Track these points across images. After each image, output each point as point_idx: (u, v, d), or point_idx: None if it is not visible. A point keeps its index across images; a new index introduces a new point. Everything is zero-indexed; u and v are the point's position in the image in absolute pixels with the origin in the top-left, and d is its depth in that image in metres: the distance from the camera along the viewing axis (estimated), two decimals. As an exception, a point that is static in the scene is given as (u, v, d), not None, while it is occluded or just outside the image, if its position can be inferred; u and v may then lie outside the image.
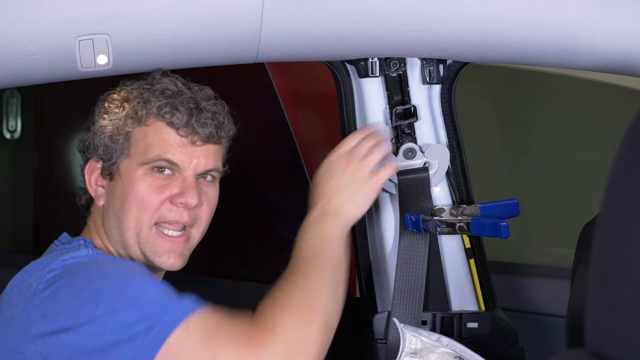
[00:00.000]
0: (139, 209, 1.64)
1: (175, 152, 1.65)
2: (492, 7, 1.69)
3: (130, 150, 1.66)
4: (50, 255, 1.62)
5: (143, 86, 1.68)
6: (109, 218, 1.68)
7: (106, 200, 1.69)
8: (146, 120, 1.66)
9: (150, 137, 1.66)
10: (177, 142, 1.65)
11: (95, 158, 1.69)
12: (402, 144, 1.93)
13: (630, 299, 0.81)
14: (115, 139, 1.66)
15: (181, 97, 1.66)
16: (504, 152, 3.28)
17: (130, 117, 1.66)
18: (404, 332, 1.73)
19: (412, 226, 1.92)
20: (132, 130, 1.66)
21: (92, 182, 1.70)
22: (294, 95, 2.96)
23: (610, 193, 0.85)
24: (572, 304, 1.74)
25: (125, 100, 1.67)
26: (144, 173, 1.65)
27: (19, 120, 3.15)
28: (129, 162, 1.66)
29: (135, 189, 1.64)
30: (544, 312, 2.66)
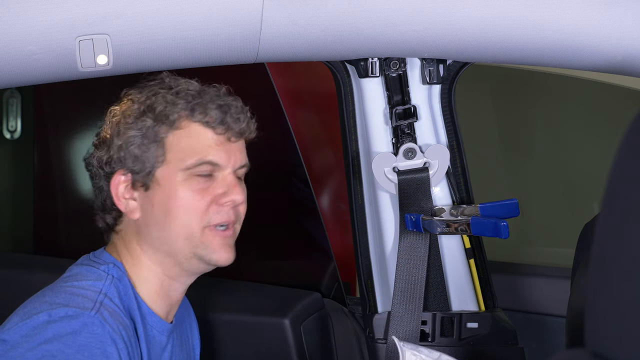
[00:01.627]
0: (187, 215, 1.61)
1: (215, 153, 1.63)
2: (492, 7, 1.69)
3: (167, 157, 1.62)
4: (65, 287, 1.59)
5: (159, 91, 1.65)
6: (149, 229, 1.64)
7: (142, 212, 1.64)
8: (179, 124, 1.62)
9: (186, 141, 1.62)
10: (215, 142, 1.63)
11: (122, 171, 1.64)
12: (402, 144, 1.93)
13: (630, 299, 0.81)
14: (147, 147, 1.62)
15: (207, 95, 1.65)
16: (504, 152, 3.28)
17: (160, 122, 1.62)
18: (404, 350, 1.72)
19: (412, 226, 1.92)
20: (165, 136, 1.62)
21: (121, 197, 1.64)
22: (294, 95, 2.96)
23: (610, 193, 0.85)
24: (572, 304, 1.74)
25: (148, 108, 1.63)
26: (185, 178, 1.61)
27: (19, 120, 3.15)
28: (166, 169, 1.62)
29: (178, 196, 1.61)
30: (544, 312, 2.66)
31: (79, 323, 1.51)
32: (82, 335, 1.50)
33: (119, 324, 1.56)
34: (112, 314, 1.56)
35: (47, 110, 3.16)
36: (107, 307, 1.56)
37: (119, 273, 1.63)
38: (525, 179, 3.21)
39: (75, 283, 1.60)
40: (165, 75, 1.69)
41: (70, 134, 3.10)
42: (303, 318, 2.49)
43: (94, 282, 1.60)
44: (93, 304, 1.55)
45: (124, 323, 1.57)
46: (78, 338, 1.50)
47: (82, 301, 1.55)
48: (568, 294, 1.81)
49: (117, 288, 1.61)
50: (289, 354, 2.44)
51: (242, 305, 2.54)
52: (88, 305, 1.54)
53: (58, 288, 1.60)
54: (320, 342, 2.51)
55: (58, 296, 1.56)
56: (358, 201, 2.05)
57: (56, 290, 1.59)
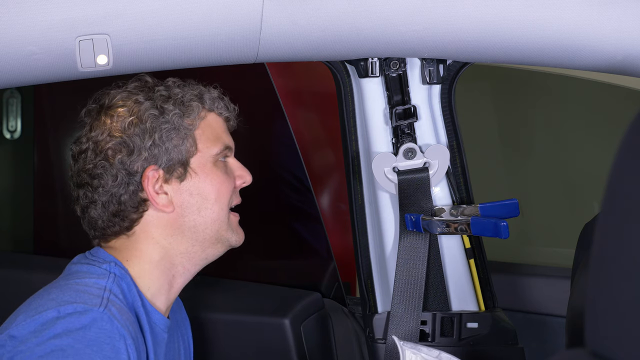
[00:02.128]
0: (223, 197, 1.71)
1: (227, 137, 1.75)
2: (492, 7, 1.69)
3: (198, 146, 1.70)
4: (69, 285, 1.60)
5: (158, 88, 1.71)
6: (184, 219, 1.69)
7: (178, 204, 1.68)
8: (201, 114, 1.71)
9: (210, 129, 1.72)
10: (225, 128, 1.76)
11: (154, 167, 1.66)
12: (402, 144, 1.93)
13: (630, 299, 0.81)
14: (181, 139, 1.68)
15: (196, 86, 1.74)
16: (504, 152, 3.28)
17: (186, 114, 1.70)
18: (404, 349, 1.72)
19: (412, 226, 1.92)
20: (194, 126, 1.70)
21: (154, 192, 1.67)
22: (294, 95, 2.96)
23: (610, 193, 0.85)
24: (572, 304, 1.74)
25: (167, 101, 1.69)
26: (214, 164, 1.71)
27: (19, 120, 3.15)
28: (200, 158, 1.70)
29: (215, 181, 1.70)
30: (544, 312, 2.66)
31: (88, 318, 1.52)
32: (92, 330, 1.51)
33: (126, 319, 1.57)
34: (119, 310, 1.57)
35: (47, 110, 3.16)
36: (114, 303, 1.58)
37: (120, 271, 1.64)
38: (525, 179, 3.21)
39: (78, 281, 1.61)
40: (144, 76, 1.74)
41: (70, 134, 3.09)
42: (303, 318, 2.49)
43: (97, 280, 1.61)
44: (100, 300, 1.56)
45: (130, 319, 1.59)
46: (88, 333, 1.51)
47: (89, 298, 1.56)
48: (568, 294, 1.81)
49: (120, 286, 1.63)
50: (289, 354, 2.44)
51: (242, 305, 2.54)
52: (96, 301, 1.55)
53: (63, 285, 1.60)
54: (320, 342, 2.51)
55: (65, 293, 1.57)
56: (358, 201, 2.05)
57: (62, 288, 1.59)
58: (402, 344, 1.73)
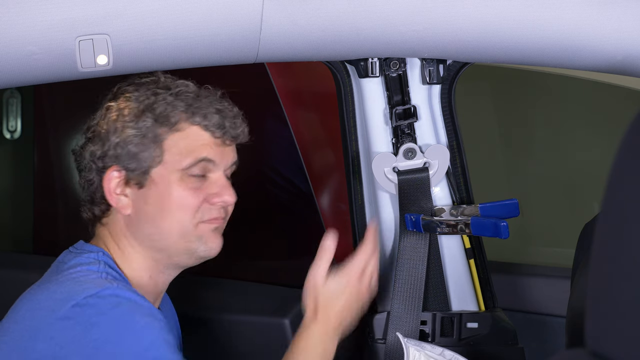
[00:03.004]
0: (181, 212, 1.65)
1: (210, 151, 1.67)
2: (492, 7, 1.69)
3: (164, 157, 1.65)
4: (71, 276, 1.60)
5: (158, 91, 1.67)
6: (141, 226, 1.66)
7: (135, 209, 1.66)
8: (178, 126, 1.65)
9: (184, 142, 1.65)
10: (212, 143, 1.67)
11: (116, 167, 1.66)
12: (402, 144, 1.93)
13: (630, 299, 0.81)
14: (145, 147, 1.64)
15: (205, 99, 1.68)
16: (504, 152, 3.28)
17: (159, 123, 1.65)
18: (407, 346, 1.73)
19: (412, 226, 1.92)
20: (166, 137, 1.65)
21: (112, 192, 1.67)
22: (294, 95, 2.95)
23: (610, 193, 0.85)
24: (572, 304, 1.74)
25: (149, 107, 1.65)
26: (180, 177, 1.65)
27: (19, 120, 3.15)
28: (163, 169, 1.65)
29: (174, 194, 1.64)
30: (544, 312, 2.66)
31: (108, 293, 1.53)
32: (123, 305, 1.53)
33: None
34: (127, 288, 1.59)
35: (47, 110, 3.16)
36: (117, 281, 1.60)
37: (108, 260, 1.66)
38: (525, 179, 3.21)
39: (71, 270, 1.61)
40: (161, 75, 1.71)
41: (70, 134, 3.09)
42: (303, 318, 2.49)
43: (89, 267, 1.61)
44: (105, 281, 1.57)
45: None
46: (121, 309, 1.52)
47: (95, 282, 1.56)
48: (568, 294, 1.81)
49: (110, 273, 1.63)
50: (289, 354, 2.44)
51: (242, 305, 2.54)
52: (104, 283, 1.56)
53: (58, 279, 1.60)
54: (320, 342, 2.51)
55: (65, 285, 1.57)
56: (358, 201, 2.05)
57: (58, 282, 1.59)
58: (406, 341, 1.74)
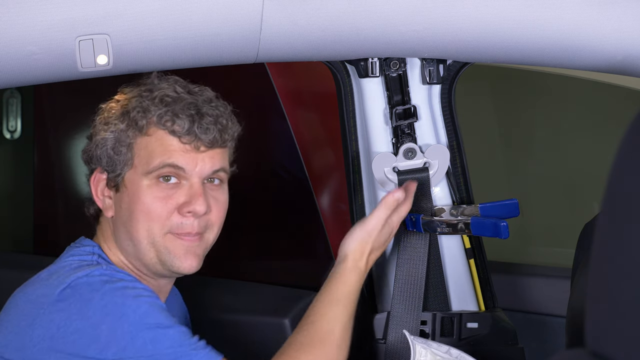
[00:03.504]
0: (148, 221, 1.62)
1: (179, 157, 1.62)
2: (492, 7, 1.69)
3: (134, 161, 1.63)
4: (63, 264, 1.62)
5: (142, 94, 1.65)
6: (118, 230, 1.66)
7: (115, 212, 1.67)
8: (147, 130, 1.63)
9: (152, 146, 1.63)
10: (180, 149, 1.63)
11: (100, 169, 1.67)
12: (402, 144, 1.93)
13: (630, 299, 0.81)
14: (118, 150, 1.64)
15: (181, 103, 1.63)
16: (504, 152, 3.28)
17: (131, 127, 1.64)
18: (414, 344, 1.73)
19: (412, 226, 1.92)
20: (134, 141, 1.64)
21: (98, 193, 1.68)
22: (294, 95, 2.95)
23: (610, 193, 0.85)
24: (572, 304, 1.74)
25: (125, 111, 1.65)
26: (149, 184, 1.63)
27: (19, 120, 3.15)
28: (133, 173, 1.64)
29: (141, 200, 1.62)
30: (544, 312, 2.66)
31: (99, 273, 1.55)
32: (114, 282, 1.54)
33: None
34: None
35: (47, 110, 3.16)
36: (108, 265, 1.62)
37: (102, 254, 1.67)
38: (525, 179, 3.21)
39: (64, 264, 1.62)
40: (155, 76, 1.69)
41: (70, 134, 3.09)
42: (303, 318, 2.49)
43: (83, 257, 1.63)
44: (97, 265, 1.60)
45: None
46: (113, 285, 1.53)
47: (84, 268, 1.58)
48: (568, 294, 1.81)
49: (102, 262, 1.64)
50: (289, 354, 2.44)
51: (242, 305, 2.54)
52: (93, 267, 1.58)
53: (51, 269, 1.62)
54: (320, 342, 2.51)
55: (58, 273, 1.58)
56: (358, 201, 2.05)
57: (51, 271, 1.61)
58: (413, 338, 1.75)
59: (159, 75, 1.69)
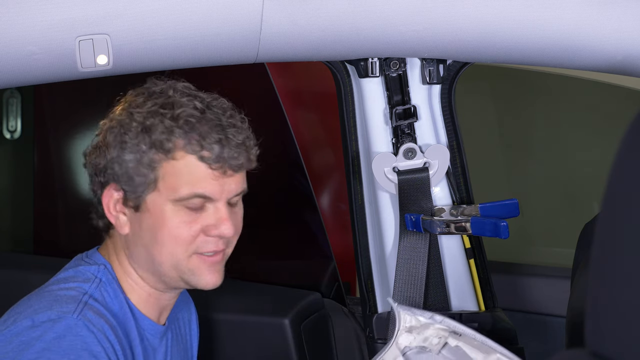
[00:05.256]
0: (173, 245, 1.57)
1: (207, 186, 1.56)
2: (492, 7, 1.69)
3: (158, 185, 1.56)
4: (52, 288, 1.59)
5: (160, 110, 1.57)
6: (137, 248, 1.61)
7: (132, 230, 1.60)
8: (174, 154, 1.55)
9: (180, 172, 1.55)
10: (209, 175, 1.56)
11: (115, 186, 1.59)
12: (402, 144, 1.93)
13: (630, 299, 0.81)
14: (140, 171, 1.56)
15: (206, 124, 1.56)
16: (504, 152, 3.28)
17: (156, 149, 1.55)
18: (399, 310, 1.74)
19: (412, 226, 1.92)
20: (159, 164, 1.56)
21: (111, 209, 1.60)
22: (294, 95, 2.95)
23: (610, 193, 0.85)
24: (572, 304, 1.74)
25: (144, 128, 1.56)
26: (175, 209, 1.57)
27: (19, 120, 3.15)
28: (157, 197, 1.57)
29: (167, 225, 1.57)
30: (544, 312, 2.66)
31: (62, 327, 1.49)
32: (67, 339, 1.49)
33: (104, 323, 1.54)
34: (97, 313, 1.54)
35: (47, 110, 3.16)
36: (92, 307, 1.55)
37: (108, 277, 1.62)
38: (525, 179, 3.21)
39: (62, 285, 1.59)
40: (169, 87, 1.61)
41: (70, 134, 3.10)
42: (303, 318, 2.49)
43: (81, 284, 1.59)
44: (76, 306, 1.53)
45: (110, 322, 1.55)
46: (62, 342, 1.48)
47: (65, 304, 1.53)
48: (568, 294, 1.81)
49: (103, 291, 1.60)
50: (289, 354, 2.44)
51: (242, 305, 2.54)
52: (71, 307, 1.52)
53: (42, 293, 1.58)
54: (320, 342, 2.51)
55: (42, 301, 1.55)
56: (358, 201, 2.05)
57: (40, 295, 1.57)
58: (397, 306, 1.76)
59: (171, 85, 1.62)
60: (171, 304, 1.71)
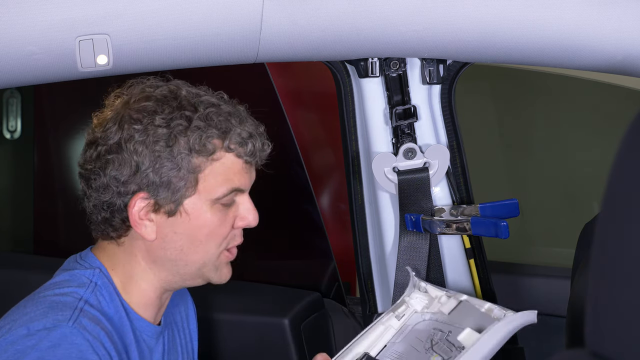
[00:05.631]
0: (212, 243, 1.60)
1: (241, 179, 1.61)
2: (492, 7, 1.69)
3: (198, 187, 1.57)
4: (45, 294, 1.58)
5: (185, 113, 1.56)
6: (165, 252, 1.60)
7: (160, 235, 1.59)
8: (214, 155, 1.57)
9: (219, 171, 1.58)
10: (243, 169, 1.62)
11: (145, 195, 1.57)
12: (402, 144, 1.93)
13: (630, 299, 0.81)
14: (180, 178, 1.56)
15: (232, 119, 1.59)
16: (504, 152, 3.28)
17: (197, 152, 1.56)
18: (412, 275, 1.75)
19: (412, 226, 1.92)
20: (201, 167, 1.57)
21: (138, 218, 1.58)
22: (294, 95, 2.96)
23: (610, 193, 0.85)
24: (572, 304, 1.74)
25: (181, 134, 1.55)
26: (214, 208, 1.59)
27: (19, 120, 3.16)
28: (197, 199, 1.58)
29: (208, 226, 1.59)
30: (544, 312, 2.66)
31: (57, 335, 1.49)
32: (61, 347, 1.48)
33: (100, 329, 1.53)
34: (92, 320, 1.53)
35: (47, 110, 3.16)
36: (87, 313, 1.54)
37: (103, 280, 1.61)
38: (525, 179, 3.21)
39: (57, 290, 1.58)
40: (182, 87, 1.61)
41: (70, 134, 3.10)
42: (303, 318, 2.49)
43: (76, 289, 1.58)
44: (71, 313, 1.52)
45: (105, 329, 1.55)
46: (57, 351, 1.48)
47: (60, 311, 1.53)
48: (568, 294, 1.81)
49: (99, 296, 1.59)
50: (289, 354, 2.45)
51: (242, 305, 2.55)
52: (66, 315, 1.52)
53: (38, 298, 1.58)
54: (320, 342, 2.51)
55: (37, 307, 1.54)
56: (358, 201, 2.05)
57: (35, 301, 1.57)
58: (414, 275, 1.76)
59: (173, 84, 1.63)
60: (167, 302, 1.72)
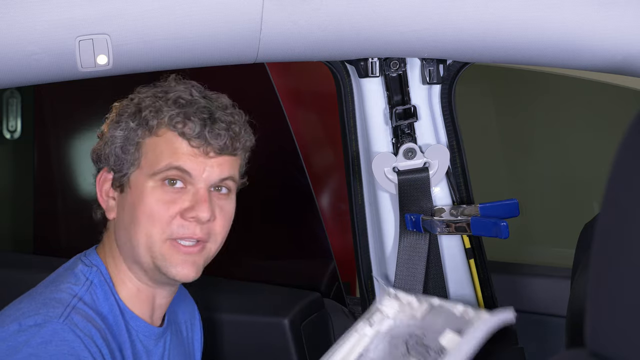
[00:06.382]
0: (149, 224, 1.58)
1: (186, 161, 1.59)
2: (492, 7, 1.69)
3: (141, 161, 1.60)
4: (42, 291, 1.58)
5: (157, 94, 1.63)
6: (119, 232, 1.63)
7: (117, 214, 1.63)
8: (157, 131, 1.60)
9: (160, 147, 1.60)
10: (189, 152, 1.60)
11: (107, 169, 1.64)
12: (402, 144, 1.93)
13: (631, 299, 0.81)
14: (126, 149, 1.61)
15: (194, 106, 1.61)
16: (504, 152, 3.28)
17: (141, 126, 1.61)
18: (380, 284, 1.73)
19: (412, 226, 1.92)
20: (143, 140, 1.61)
21: (103, 194, 1.65)
22: (294, 95, 2.96)
23: (610, 193, 0.85)
24: (572, 304, 1.74)
25: (138, 110, 1.62)
26: (154, 185, 1.59)
27: (19, 120, 3.16)
28: (139, 174, 1.60)
29: (144, 202, 1.58)
30: (544, 312, 2.66)
31: (48, 331, 1.49)
32: (52, 343, 1.48)
33: (92, 327, 1.53)
34: (84, 317, 1.54)
35: (47, 110, 3.16)
36: (80, 310, 1.54)
37: (99, 279, 1.62)
38: (525, 179, 3.22)
39: (52, 287, 1.59)
40: (173, 78, 1.68)
41: (70, 134, 3.10)
42: (303, 318, 2.49)
43: (72, 286, 1.59)
44: (63, 309, 1.53)
45: (98, 326, 1.55)
46: (49, 347, 1.48)
47: (52, 308, 1.53)
48: (568, 294, 1.81)
49: (93, 294, 1.60)
50: (289, 354, 2.45)
51: (242, 305, 2.55)
52: (58, 311, 1.52)
53: (34, 295, 1.58)
54: (320, 342, 2.51)
55: (31, 303, 1.55)
56: (358, 201, 2.05)
57: (32, 297, 1.57)
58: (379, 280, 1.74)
59: (176, 78, 1.68)
60: (165, 303, 1.70)
